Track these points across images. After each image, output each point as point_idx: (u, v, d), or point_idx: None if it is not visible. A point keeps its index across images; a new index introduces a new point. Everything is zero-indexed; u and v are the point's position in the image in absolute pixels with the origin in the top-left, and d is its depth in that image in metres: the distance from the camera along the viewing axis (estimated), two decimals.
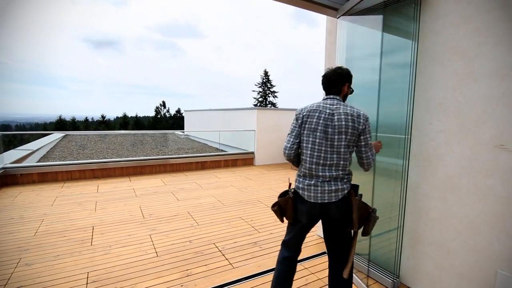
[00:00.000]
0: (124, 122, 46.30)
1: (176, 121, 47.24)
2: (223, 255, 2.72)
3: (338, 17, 2.55)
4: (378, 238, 2.41)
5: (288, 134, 1.70)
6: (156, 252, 2.74)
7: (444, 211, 1.96)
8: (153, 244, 2.91)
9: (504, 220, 1.65)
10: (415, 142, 2.12)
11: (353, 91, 1.80)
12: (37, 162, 8.06)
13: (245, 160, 7.76)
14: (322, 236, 3.12)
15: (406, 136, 2.11)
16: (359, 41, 2.51)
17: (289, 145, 1.68)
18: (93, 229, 3.26)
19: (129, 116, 49.31)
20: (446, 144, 1.93)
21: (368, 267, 2.36)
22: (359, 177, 2.11)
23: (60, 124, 41.96)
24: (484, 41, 1.71)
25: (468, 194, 1.82)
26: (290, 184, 1.83)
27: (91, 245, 2.88)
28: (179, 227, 3.36)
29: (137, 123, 47.15)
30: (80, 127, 44.82)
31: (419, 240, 2.13)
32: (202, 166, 7.10)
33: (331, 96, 1.70)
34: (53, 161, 8.41)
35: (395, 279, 2.22)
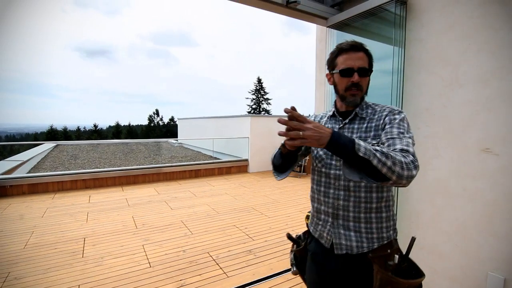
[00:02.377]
0: (117, 131, 45.93)
1: (170, 129, 47.04)
2: (218, 264, 2.69)
3: (328, 27, 2.60)
4: None
5: (412, 139, 0.98)
6: (149, 263, 2.70)
7: (435, 215, 1.99)
8: (146, 255, 2.87)
9: (492, 222, 1.69)
10: None
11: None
12: (27, 173, 7.92)
13: (239, 167, 7.75)
14: None
15: None
16: None
17: None
18: (84, 240, 3.21)
19: (122, 125, 49.03)
20: (434, 148, 1.97)
21: None
22: None
23: (51, 134, 41.39)
24: (467, 48, 1.77)
25: (457, 197, 1.85)
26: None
27: (83, 257, 2.82)
28: (172, 237, 3.32)
29: (130, 132, 46.81)
30: (72, 136, 44.26)
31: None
32: (196, 174, 7.06)
33: None
34: (43, 172, 8.27)
35: None
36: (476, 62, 1.73)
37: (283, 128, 0.86)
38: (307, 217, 1.33)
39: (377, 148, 0.84)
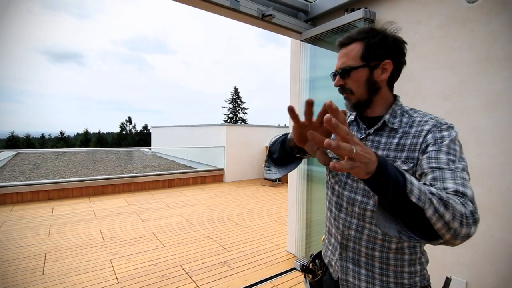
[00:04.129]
0: (86, 139, 43.76)
1: (143, 138, 45.65)
2: (190, 277, 2.61)
3: (302, 40, 2.69)
4: None
5: (467, 170, 0.70)
6: (117, 278, 2.56)
7: None
8: (114, 270, 2.71)
9: None
10: None
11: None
12: None
13: (214, 176, 7.65)
14: (291, 251, 3.14)
15: None
16: (321, 62, 2.67)
17: None
18: (45, 256, 2.98)
19: (91, 132, 46.86)
20: None
21: None
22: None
23: (12, 142, 38.56)
24: (428, 66, 1.91)
25: None
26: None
27: (43, 274, 2.62)
28: (143, 250, 3.18)
29: (100, 139, 44.80)
30: (35, 144, 41.54)
31: None
32: (169, 184, 6.87)
33: None
34: (1, 182, 7.65)
35: None
36: (437, 78, 1.87)
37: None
38: None
39: (432, 189, 0.58)
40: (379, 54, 0.81)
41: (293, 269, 2.78)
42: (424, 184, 0.60)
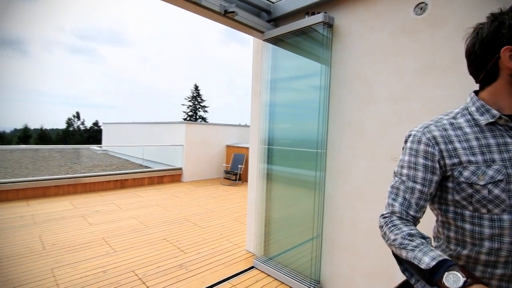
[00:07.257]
0: (25, 136, 39.32)
1: (93, 135, 42.39)
2: (144, 283, 2.47)
3: (264, 40, 2.70)
4: (301, 248, 2.55)
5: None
6: None
7: (355, 218, 2.20)
8: (56, 280, 2.46)
9: None
10: (329, 156, 2.35)
11: None
12: None
13: (172, 176, 7.38)
14: (250, 250, 3.14)
15: (322, 151, 2.32)
16: (282, 63, 2.71)
17: None
18: None
19: (32, 128, 42.24)
20: (354, 157, 2.19)
21: (289, 276, 2.45)
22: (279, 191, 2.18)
23: None
24: (379, 71, 2.04)
25: (372, 201, 2.08)
26: None
27: None
28: (90, 257, 2.93)
29: (42, 136, 40.60)
30: None
31: (336, 246, 2.33)
32: (122, 184, 6.45)
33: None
34: None
35: (316, 285, 2.35)
36: (387, 83, 2.00)
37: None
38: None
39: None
40: None
41: (252, 267, 2.78)
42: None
